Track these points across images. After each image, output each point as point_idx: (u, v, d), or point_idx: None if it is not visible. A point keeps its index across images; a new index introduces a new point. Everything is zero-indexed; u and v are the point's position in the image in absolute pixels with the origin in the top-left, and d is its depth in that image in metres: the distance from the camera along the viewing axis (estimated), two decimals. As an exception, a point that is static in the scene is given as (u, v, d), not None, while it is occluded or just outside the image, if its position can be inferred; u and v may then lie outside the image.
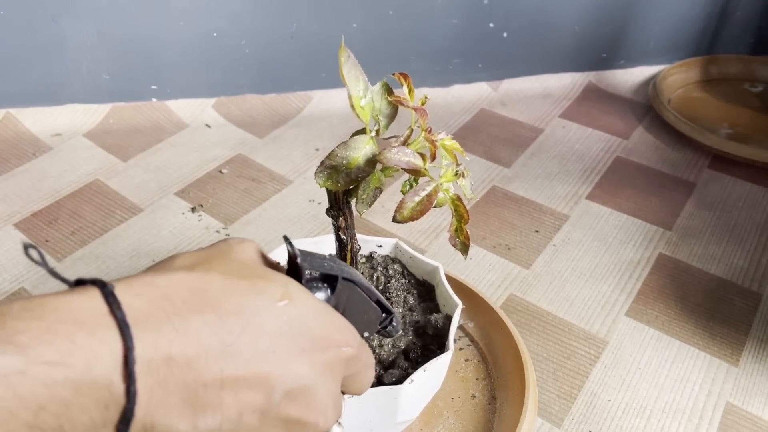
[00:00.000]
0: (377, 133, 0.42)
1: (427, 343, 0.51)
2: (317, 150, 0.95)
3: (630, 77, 1.15)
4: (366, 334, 0.37)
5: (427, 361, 0.46)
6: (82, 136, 0.95)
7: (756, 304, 0.71)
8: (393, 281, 0.55)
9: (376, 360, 0.49)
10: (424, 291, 0.56)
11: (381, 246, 0.58)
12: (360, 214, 0.43)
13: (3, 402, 0.21)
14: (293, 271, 0.33)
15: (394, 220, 0.40)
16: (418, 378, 0.46)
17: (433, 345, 0.51)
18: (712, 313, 0.70)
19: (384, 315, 0.38)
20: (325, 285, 0.34)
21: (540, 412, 0.59)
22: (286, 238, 0.34)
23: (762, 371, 0.63)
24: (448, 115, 1.05)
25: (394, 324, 0.39)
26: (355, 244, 0.48)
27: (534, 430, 0.57)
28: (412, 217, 0.40)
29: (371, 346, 0.49)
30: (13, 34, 0.89)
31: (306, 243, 0.58)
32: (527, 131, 1.01)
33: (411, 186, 0.45)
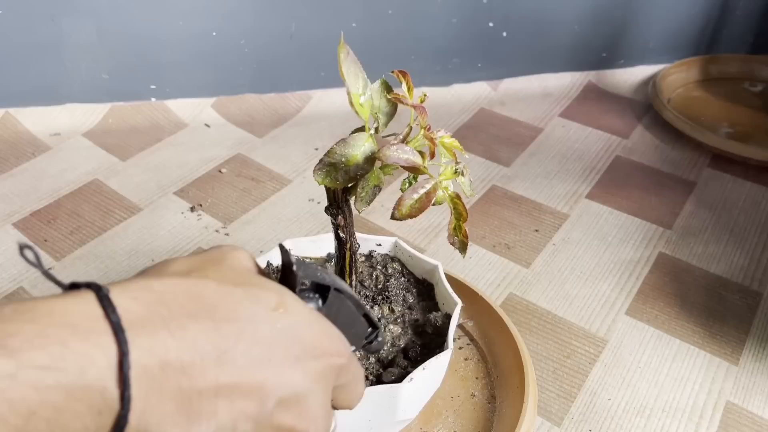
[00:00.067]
0: (376, 130, 0.42)
1: (427, 341, 0.51)
2: (316, 149, 0.95)
3: (630, 76, 1.15)
4: (352, 348, 0.37)
5: (427, 360, 0.46)
6: (81, 135, 0.95)
7: (756, 303, 0.71)
8: (392, 280, 0.55)
9: (376, 359, 0.49)
10: (424, 290, 0.56)
11: (380, 244, 0.58)
12: (359, 212, 0.43)
13: None
14: (285, 279, 0.33)
15: (393, 217, 0.40)
16: (418, 376, 0.45)
17: (432, 344, 0.51)
18: (712, 311, 0.70)
19: (370, 330, 0.38)
20: (316, 295, 0.34)
21: (540, 411, 0.59)
22: (282, 246, 0.33)
23: (762, 370, 0.63)
24: (447, 114, 1.05)
25: (379, 339, 0.38)
26: (354, 243, 0.48)
27: (534, 429, 0.57)
28: (411, 215, 0.40)
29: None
30: (12, 34, 0.89)
31: (305, 242, 0.58)
32: (527, 130, 1.01)
33: (410, 184, 0.45)
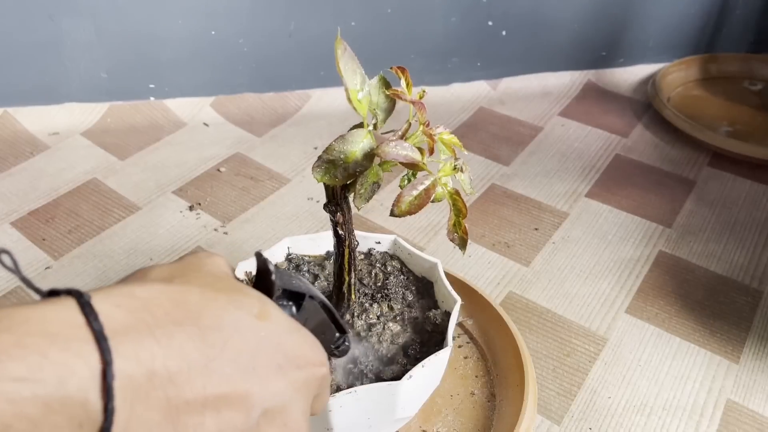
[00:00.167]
0: (375, 127, 0.42)
1: (426, 339, 0.51)
2: (315, 148, 0.94)
3: (629, 75, 1.15)
4: None
5: (426, 358, 0.46)
6: (80, 135, 0.95)
7: (756, 302, 0.71)
8: (391, 278, 0.55)
9: (375, 357, 0.49)
10: (423, 287, 0.55)
11: (379, 242, 0.58)
12: (358, 209, 0.42)
13: None
14: (260, 286, 0.33)
15: (392, 214, 0.40)
16: (417, 374, 0.45)
17: (431, 341, 0.50)
18: (712, 310, 0.69)
19: (338, 335, 0.38)
20: (290, 303, 0.33)
21: (540, 410, 0.59)
22: (259, 254, 0.33)
23: (763, 368, 0.63)
24: (447, 113, 1.04)
25: (347, 344, 0.39)
26: (353, 240, 0.47)
27: (533, 427, 0.56)
28: (410, 211, 0.40)
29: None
30: (10, 33, 0.89)
31: (304, 240, 0.58)
32: (526, 129, 1.01)
33: (409, 180, 0.45)
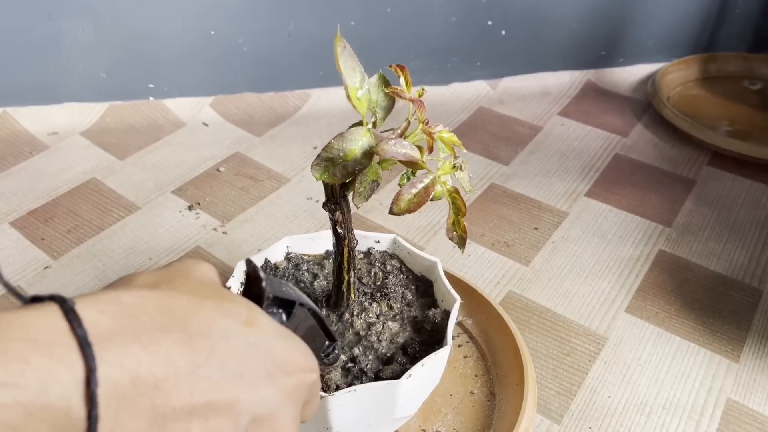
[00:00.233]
0: (374, 125, 0.41)
1: (425, 338, 0.51)
2: (315, 148, 0.94)
3: (629, 75, 1.15)
4: None
5: (425, 356, 0.46)
6: (79, 134, 0.95)
7: (756, 301, 0.71)
8: (391, 277, 0.55)
9: (374, 356, 0.49)
10: (422, 287, 0.55)
11: (379, 241, 0.58)
12: (357, 208, 0.42)
13: None
14: (249, 293, 0.33)
15: (391, 212, 0.40)
16: (416, 373, 0.45)
17: (431, 340, 0.50)
18: (712, 309, 0.69)
19: (327, 343, 0.38)
20: (280, 310, 0.33)
21: (539, 409, 0.58)
22: (249, 261, 0.33)
23: (763, 367, 0.63)
24: (446, 113, 1.04)
25: (336, 352, 0.39)
26: (352, 239, 0.47)
27: (533, 426, 0.56)
28: (409, 209, 0.40)
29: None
30: (9, 32, 0.89)
31: (303, 239, 0.58)
32: (526, 129, 1.01)
33: (408, 179, 0.44)
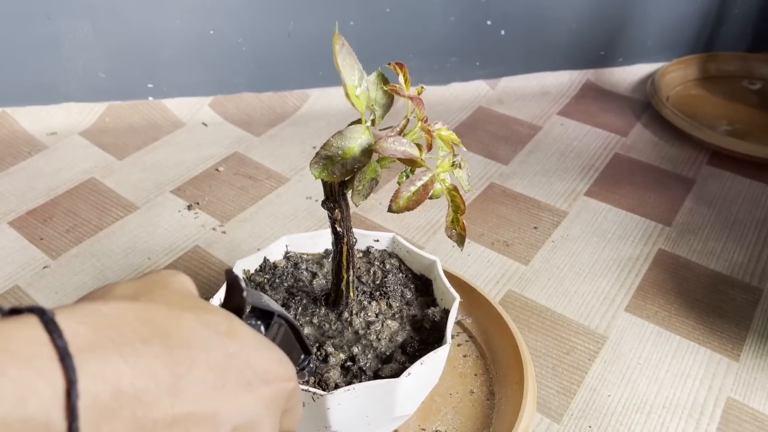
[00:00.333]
0: (373, 123, 0.41)
1: (425, 337, 0.50)
2: (314, 148, 0.94)
3: (628, 75, 1.15)
4: None
5: (425, 355, 0.46)
6: (78, 134, 0.95)
7: (756, 299, 0.71)
8: (390, 275, 0.55)
9: (373, 355, 0.49)
10: (422, 285, 0.55)
11: (378, 240, 0.58)
12: (356, 206, 0.42)
13: None
14: (228, 304, 0.33)
15: (390, 209, 0.40)
16: (416, 371, 0.45)
17: (430, 339, 0.50)
18: (712, 308, 0.69)
19: (303, 356, 0.38)
20: (259, 322, 0.33)
21: (539, 408, 0.58)
22: (230, 271, 0.33)
23: (763, 366, 0.63)
24: (446, 113, 1.04)
25: (311, 366, 0.39)
26: (351, 237, 0.47)
27: (533, 425, 0.56)
28: (408, 207, 0.39)
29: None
30: (8, 33, 0.89)
31: (303, 238, 0.58)
32: (525, 129, 1.01)
33: (407, 177, 0.44)
